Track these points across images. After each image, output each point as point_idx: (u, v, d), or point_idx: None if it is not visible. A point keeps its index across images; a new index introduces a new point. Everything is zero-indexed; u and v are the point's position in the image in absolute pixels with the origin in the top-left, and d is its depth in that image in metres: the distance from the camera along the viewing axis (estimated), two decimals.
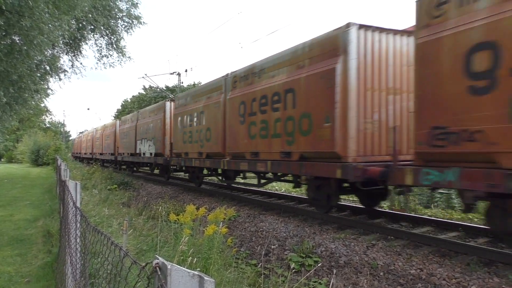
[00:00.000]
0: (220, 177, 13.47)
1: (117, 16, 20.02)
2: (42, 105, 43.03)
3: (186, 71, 41.16)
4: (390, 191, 8.20)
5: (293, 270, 5.97)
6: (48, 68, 17.15)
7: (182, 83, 36.80)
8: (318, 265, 6.17)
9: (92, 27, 18.92)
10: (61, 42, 16.87)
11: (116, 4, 19.50)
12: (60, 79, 20.13)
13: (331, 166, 7.29)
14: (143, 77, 34.63)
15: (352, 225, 7.71)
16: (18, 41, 13.09)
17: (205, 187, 15.19)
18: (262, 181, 10.83)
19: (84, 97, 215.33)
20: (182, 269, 1.18)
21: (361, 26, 7.19)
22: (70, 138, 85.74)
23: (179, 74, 34.95)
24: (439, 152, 5.54)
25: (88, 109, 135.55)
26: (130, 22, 20.42)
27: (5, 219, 10.37)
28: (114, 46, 20.81)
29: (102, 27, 19.23)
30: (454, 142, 5.30)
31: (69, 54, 20.40)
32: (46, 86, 20.30)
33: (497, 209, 5.47)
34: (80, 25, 18.28)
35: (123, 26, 20.51)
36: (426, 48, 5.76)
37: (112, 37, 20.59)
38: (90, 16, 17.70)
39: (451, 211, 9.51)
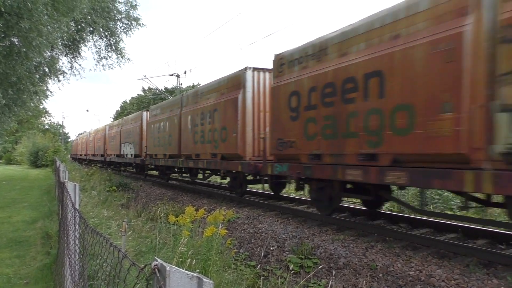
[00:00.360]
0: (180, 174, 17.86)
1: (116, 18, 20.04)
2: (41, 106, 43.09)
3: (185, 72, 41.13)
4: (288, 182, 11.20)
5: (292, 272, 5.97)
6: (47, 69, 17.15)
7: (181, 84, 36.77)
8: (319, 267, 6.16)
9: (91, 28, 18.94)
10: (60, 43, 16.86)
11: (115, 6, 19.52)
12: (59, 81, 20.13)
13: (236, 163, 10.69)
14: (142, 79, 34.57)
15: (351, 227, 7.72)
16: (17, 43, 13.10)
17: (204, 188, 15.20)
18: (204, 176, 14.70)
19: (83, 99, 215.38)
20: (181, 271, 1.18)
21: (254, 69, 10.70)
22: (69, 140, 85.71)
23: (178, 76, 34.93)
24: (280, 154, 8.88)
25: (87, 110, 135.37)
26: (129, 23, 20.46)
27: (3, 221, 10.35)
28: (113, 47, 20.84)
29: (101, 29, 19.26)
30: (285, 148, 8.60)
31: (68, 55, 20.43)
32: (45, 88, 20.37)
33: (310, 187, 8.80)
34: (79, 26, 18.29)
35: (122, 27, 20.55)
36: (275, 90, 9.01)
37: (111, 39, 20.61)
38: (89, 17, 17.73)
39: (450, 212, 9.51)
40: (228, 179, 12.78)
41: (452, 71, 5.15)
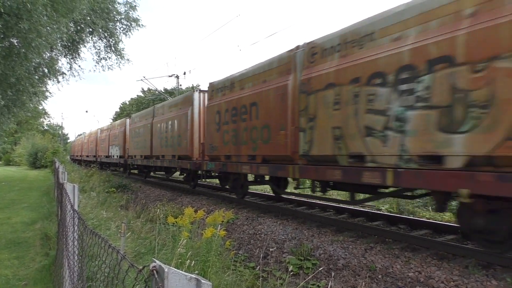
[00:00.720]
0: (154, 172, 21.24)
1: (116, 19, 20.06)
2: (40, 107, 43.07)
3: (184, 73, 41.05)
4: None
5: (291, 273, 5.96)
6: (46, 70, 17.14)
7: (180, 85, 36.76)
8: (320, 269, 6.16)
9: (91, 29, 18.95)
10: (59, 44, 16.88)
11: (115, 7, 19.53)
12: (58, 82, 20.12)
13: (187, 162, 13.87)
14: (141, 80, 34.57)
15: (350, 228, 7.72)
16: (16, 44, 13.09)
17: (202, 189, 15.19)
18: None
19: (83, 100, 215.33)
20: (179, 272, 1.18)
21: (200, 91, 13.93)
22: (69, 141, 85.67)
23: (177, 77, 34.93)
24: (211, 155, 11.94)
25: (87, 111, 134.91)
26: (129, 24, 20.47)
27: (2, 222, 10.34)
28: (113, 48, 20.85)
29: (100, 30, 19.27)
30: (213, 151, 11.68)
31: (68, 56, 20.41)
32: (45, 89, 20.34)
33: (228, 179, 11.97)
34: (79, 27, 18.29)
35: (122, 28, 20.57)
36: (208, 108, 12.22)
37: (111, 40, 20.63)
38: (89, 18, 17.74)
39: (449, 214, 9.51)
40: (183, 175, 16.58)
41: (283, 106, 8.38)
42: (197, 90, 13.94)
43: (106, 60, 21.38)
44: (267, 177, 10.51)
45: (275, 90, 8.65)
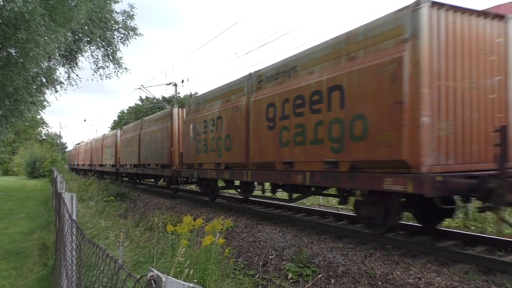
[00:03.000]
0: (143, 179, 23.32)
1: (113, 28, 20.14)
2: (38, 117, 43.03)
3: (182, 81, 41.01)
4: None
5: (291, 280, 5.94)
6: (44, 80, 17.18)
7: (178, 93, 36.80)
8: (319, 276, 6.13)
9: (88, 39, 19.01)
10: (57, 54, 16.92)
11: (112, 16, 19.63)
12: (56, 91, 20.14)
13: (168, 170, 15.66)
14: (139, 88, 34.50)
15: (350, 234, 7.70)
16: (14, 54, 13.12)
17: (202, 197, 15.15)
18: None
19: (82, 109, 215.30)
20: (177, 281, 1.17)
21: (179, 106, 16.28)
22: (67, 150, 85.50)
23: (175, 85, 34.96)
24: (186, 163, 14.06)
25: (85, 120, 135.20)
26: (126, 33, 20.56)
27: (0, 232, 10.28)
28: (111, 57, 20.92)
29: (98, 39, 19.34)
30: (189, 159, 13.65)
31: (65, 66, 20.45)
32: (42, 98, 20.31)
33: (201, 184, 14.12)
34: (76, 37, 18.36)
35: (119, 37, 20.65)
36: (185, 122, 13.89)
37: (108, 49, 20.70)
38: (86, 28, 17.81)
39: (448, 220, 9.49)
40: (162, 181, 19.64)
41: (244, 123, 9.98)
42: (176, 106, 16.27)
43: (104, 69, 21.47)
44: (237, 182, 12.32)
45: (234, 108, 10.40)
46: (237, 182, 12.38)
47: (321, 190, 8.91)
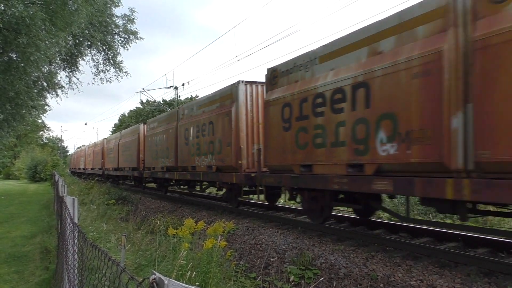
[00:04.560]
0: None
1: (114, 32, 20.18)
2: (40, 121, 43.09)
3: (183, 84, 41.07)
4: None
5: (293, 283, 5.93)
6: (45, 84, 17.23)
7: (179, 96, 36.84)
8: (321, 279, 6.13)
9: (89, 43, 19.06)
10: (58, 58, 16.98)
11: (113, 20, 19.66)
12: (57, 95, 20.20)
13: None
14: (140, 92, 34.58)
15: (351, 237, 7.69)
16: (15, 58, 13.15)
17: (203, 200, 15.16)
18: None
19: (83, 112, 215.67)
20: (179, 284, 1.18)
21: (144, 123, 20.18)
22: (68, 154, 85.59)
23: (176, 88, 35.01)
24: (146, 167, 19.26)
25: (86, 124, 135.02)
26: (127, 37, 20.59)
27: (2, 236, 10.29)
28: (111, 61, 20.94)
29: (98, 43, 19.38)
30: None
31: (66, 70, 20.50)
32: (43, 102, 20.36)
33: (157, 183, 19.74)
34: (77, 41, 18.41)
35: (120, 41, 20.68)
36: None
37: (109, 53, 20.73)
38: (87, 32, 17.85)
39: (450, 221, 9.50)
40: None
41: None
42: (141, 124, 19.66)
43: (104, 72, 21.49)
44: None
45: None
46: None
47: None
